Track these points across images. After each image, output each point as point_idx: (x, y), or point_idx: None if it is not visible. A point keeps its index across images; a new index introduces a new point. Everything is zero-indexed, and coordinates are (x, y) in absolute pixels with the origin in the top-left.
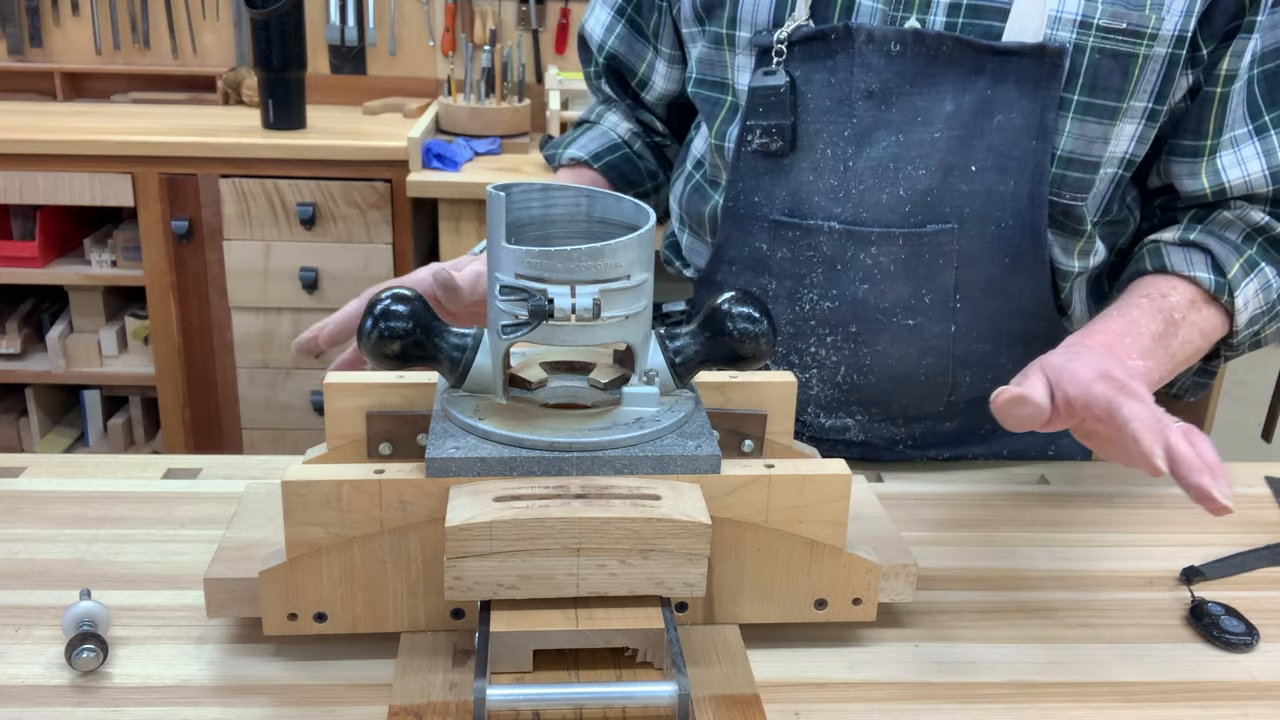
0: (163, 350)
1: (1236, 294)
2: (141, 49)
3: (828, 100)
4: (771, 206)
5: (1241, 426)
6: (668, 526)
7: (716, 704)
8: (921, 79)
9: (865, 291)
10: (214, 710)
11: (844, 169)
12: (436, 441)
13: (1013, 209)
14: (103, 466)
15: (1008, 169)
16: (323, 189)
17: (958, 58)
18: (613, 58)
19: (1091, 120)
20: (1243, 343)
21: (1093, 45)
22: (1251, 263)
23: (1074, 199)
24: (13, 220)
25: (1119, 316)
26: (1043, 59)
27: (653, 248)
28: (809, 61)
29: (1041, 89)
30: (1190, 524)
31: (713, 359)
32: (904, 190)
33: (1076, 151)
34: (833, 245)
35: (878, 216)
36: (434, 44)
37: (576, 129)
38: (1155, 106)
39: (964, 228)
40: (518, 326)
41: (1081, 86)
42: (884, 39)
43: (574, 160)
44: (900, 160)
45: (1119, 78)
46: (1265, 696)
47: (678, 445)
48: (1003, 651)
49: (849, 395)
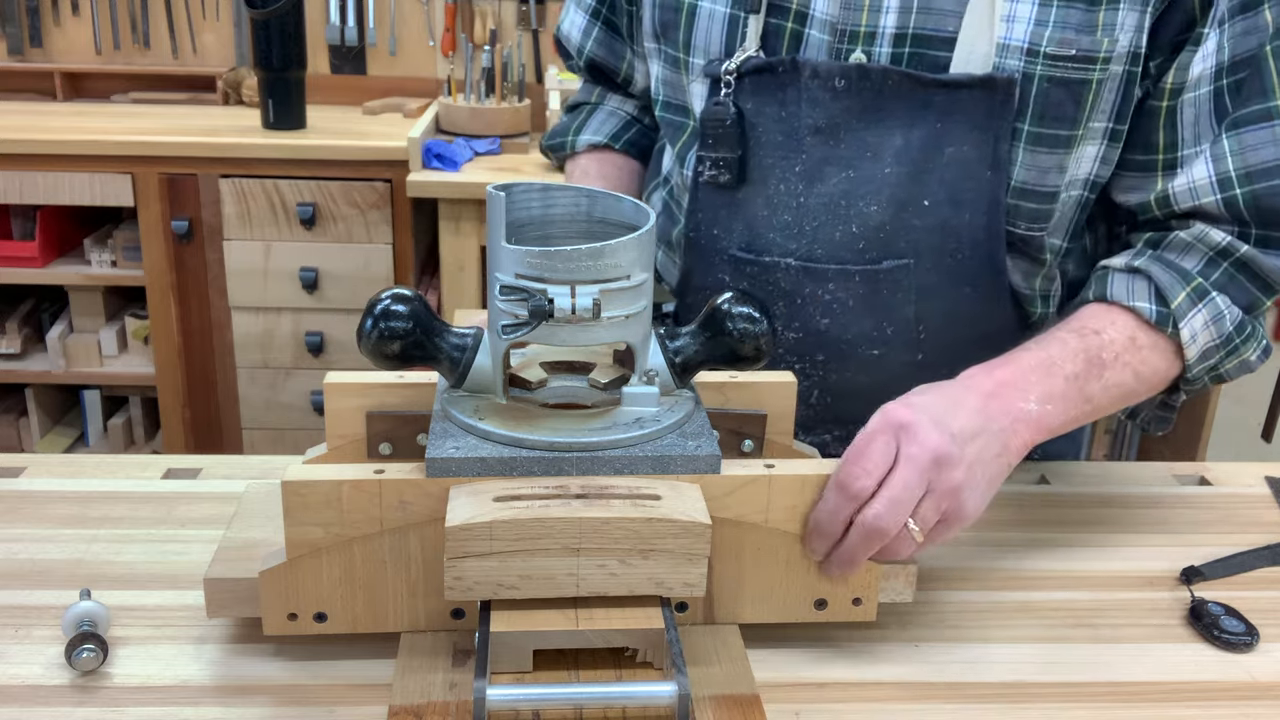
0: (163, 350)
1: (1182, 326)
2: (141, 49)
3: (779, 135)
4: (730, 240)
5: (1241, 426)
6: (668, 526)
7: (716, 704)
8: (869, 114)
9: (826, 325)
10: (214, 710)
11: (797, 205)
12: (436, 441)
13: (969, 240)
14: (103, 466)
15: (961, 202)
16: (323, 189)
17: (904, 92)
18: (593, 60)
19: (1043, 151)
20: (1199, 377)
21: (1040, 74)
22: (1200, 292)
23: (1030, 229)
24: (13, 220)
25: (1036, 350)
26: (993, 90)
27: (653, 248)
28: (759, 94)
29: (994, 119)
30: (1190, 524)
31: (713, 359)
32: (856, 227)
33: (1029, 183)
34: (790, 281)
35: (832, 254)
36: (434, 44)
37: (575, 113)
38: (1116, 126)
39: (920, 262)
40: (518, 326)
41: (1031, 116)
42: (829, 74)
43: (593, 145)
44: (851, 196)
45: (1071, 106)
46: (1265, 696)
47: (678, 445)
48: (1003, 651)
49: (823, 414)
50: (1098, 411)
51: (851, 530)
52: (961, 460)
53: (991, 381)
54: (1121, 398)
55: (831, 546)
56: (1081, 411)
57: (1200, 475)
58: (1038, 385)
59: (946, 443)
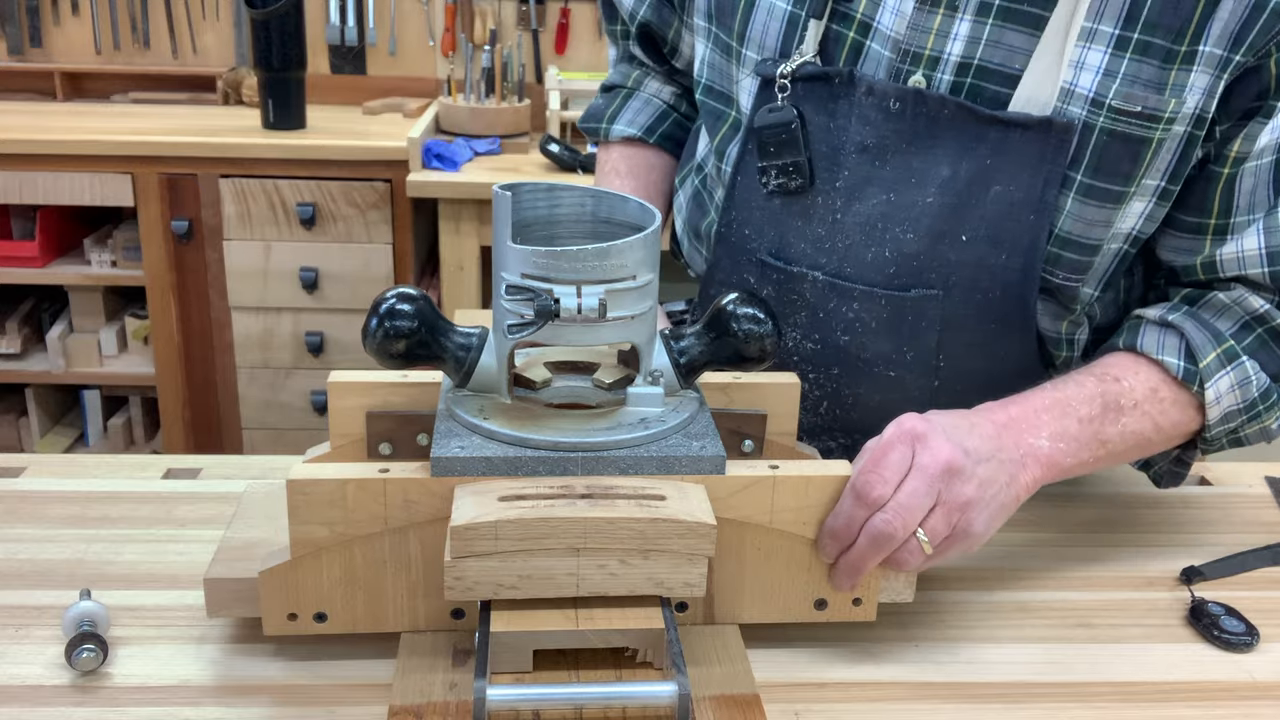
0: (163, 350)
1: (1208, 386)
2: (141, 49)
3: (824, 146)
4: (760, 244)
5: None
6: (673, 527)
7: (716, 704)
8: (920, 139)
9: (846, 341)
10: (214, 710)
11: (833, 220)
12: (441, 441)
13: (1002, 281)
14: (103, 466)
15: (1000, 242)
16: (323, 189)
17: (959, 122)
18: (645, 25)
19: (1093, 204)
20: (1217, 439)
21: (1102, 125)
22: (1230, 354)
23: (1068, 279)
24: (13, 220)
25: (1052, 391)
26: (1049, 134)
27: (659, 248)
28: (809, 101)
29: (1045, 164)
30: (1190, 524)
31: (718, 360)
32: (889, 251)
33: (1075, 233)
34: (816, 294)
35: (861, 274)
36: (434, 44)
37: (610, 96)
38: (1169, 186)
39: (949, 295)
40: (523, 326)
41: (1086, 167)
42: (884, 94)
43: (627, 138)
44: (889, 220)
45: (1128, 162)
46: (1265, 696)
47: (682, 446)
48: (1003, 651)
49: (831, 424)
50: (1113, 457)
51: (860, 535)
52: (973, 476)
53: (1005, 415)
54: (1138, 446)
55: (842, 552)
56: (1095, 455)
57: (1200, 475)
58: (1050, 424)
59: (959, 455)
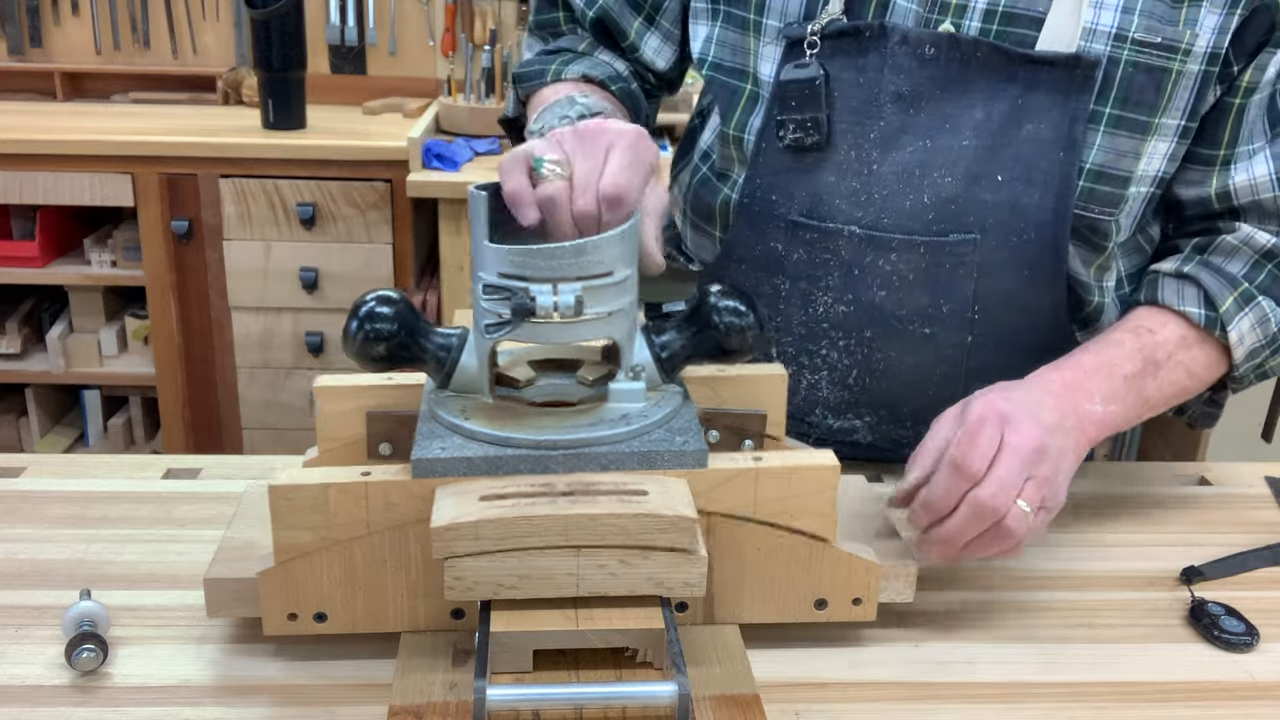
0: (163, 350)
1: (1230, 329)
2: (141, 49)
3: (855, 100)
4: (790, 206)
5: (1241, 426)
6: (654, 521)
7: (716, 704)
8: (953, 84)
9: (882, 298)
10: (214, 710)
11: (868, 172)
12: (423, 442)
13: (1036, 221)
14: (103, 466)
15: (1034, 180)
16: (323, 189)
17: (991, 65)
18: (601, 19)
19: (1123, 134)
20: (1245, 376)
21: (1127, 58)
22: (1247, 296)
23: (1103, 213)
24: (13, 220)
25: (1096, 353)
26: (1075, 70)
27: (636, 243)
28: (838, 57)
29: (1072, 100)
30: (1190, 524)
31: (699, 353)
32: (928, 197)
33: (1106, 165)
34: (852, 250)
35: (900, 223)
36: (434, 44)
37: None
38: (1188, 124)
39: (986, 238)
40: (501, 325)
41: (1114, 99)
42: (918, 41)
43: (586, 78)
44: (926, 167)
45: (1152, 92)
46: (1265, 696)
47: (664, 440)
48: (1003, 651)
49: (859, 398)
50: (1153, 409)
51: (961, 507)
52: (1054, 453)
53: (1060, 381)
54: (1176, 395)
55: (935, 523)
56: (1139, 411)
57: (1200, 475)
58: (1101, 387)
59: (1044, 436)
